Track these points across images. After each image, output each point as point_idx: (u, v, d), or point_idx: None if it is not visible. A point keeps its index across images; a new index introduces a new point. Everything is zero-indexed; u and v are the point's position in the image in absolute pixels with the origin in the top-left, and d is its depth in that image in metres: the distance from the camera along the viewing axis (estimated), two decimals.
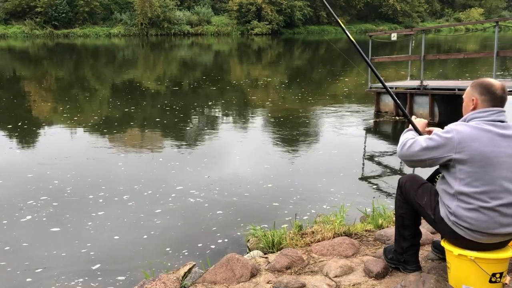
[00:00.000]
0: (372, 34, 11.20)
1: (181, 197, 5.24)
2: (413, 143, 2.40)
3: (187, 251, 4.00)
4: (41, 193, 5.38)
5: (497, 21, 8.72)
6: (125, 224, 4.58)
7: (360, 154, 7.30)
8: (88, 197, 5.25)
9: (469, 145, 2.25)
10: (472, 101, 2.38)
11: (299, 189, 5.44)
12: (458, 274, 2.41)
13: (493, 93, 2.34)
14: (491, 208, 2.24)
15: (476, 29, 38.73)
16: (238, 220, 4.58)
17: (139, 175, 6.04)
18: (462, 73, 16.67)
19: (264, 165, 6.52)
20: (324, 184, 5.64)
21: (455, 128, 2.31)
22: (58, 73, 20.14)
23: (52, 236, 4.35)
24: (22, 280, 3.62)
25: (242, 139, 8.26)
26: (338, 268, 2.80)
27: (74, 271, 3.69)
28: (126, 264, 3.80)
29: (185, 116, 10.23)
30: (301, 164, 6.58)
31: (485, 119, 2.32)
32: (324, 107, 11.08)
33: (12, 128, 9.09)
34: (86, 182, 5.75)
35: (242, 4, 48.86)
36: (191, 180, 5.81)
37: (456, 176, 2.30)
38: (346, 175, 6.07)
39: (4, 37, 41.98)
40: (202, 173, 6.12)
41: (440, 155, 2.30)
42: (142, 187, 5.57)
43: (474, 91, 2.39)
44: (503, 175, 2.24)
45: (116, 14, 47.38)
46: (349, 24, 56.45)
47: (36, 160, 6.90)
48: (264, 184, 5.63)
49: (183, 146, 7.76)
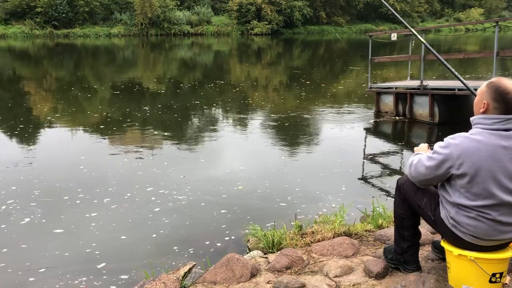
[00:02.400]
0: (372, 34, 11.19)
1: (181, 197, 5.24)
2: (417, 164, 2.40)
3: (187, 251, 4.00)
4: (40, 193, 5.38)
5: (497, 21, 8.71)
6: (124, 224, 4.58)
7: (360, 154, 7.30)
8: (81, 198, 5.25)
9: (468, 160, 2.21)
10: (484, 105, 2.26)
11: (299, 189, 5.44)
12: (458, 274, 2.42)
13: (508, 102, 2.19)
14: (491, 219, 2.24)
15: (476, 29, 38.72)
16: (238, 220, 4.58)
17: (139, 175, 6.04)
18: (462, 73, 16.66)
19: (264, 165, 6.52)
20: (324, 184, 5.64)
21: (452, 142, 2.26)
22: (58, 73, 20.14)
23: (55, 237, 4.35)
24: (25, 279, 3.62)
25: (242, 139, 8.26)
26: (338, 268, 2.80)
27: (76, 270, 3.69)
28: (125, 264, 3.79)
29: (184, 116, 10.24)
30: (301, 164, 6.58)
31: (490, 128, 2.23)
32: (324, 107, 11.08)
33: (12, 128, 9.09)
34: (81, 183, 5.74)
35: (242, 4, 48.82)
36: (191, 180, 5.81)
37: (456, 188, 2.29)
38: (346, 175, 6.07)
39: (4, 37, 41.92)
40: (202, 173, 6.12)
41: (443, 172, 2.28)
42: (142, 187, 5.57)
43: (488, 96, 2.24)
44: (503, 188, 2.21)
45: (116, 14, 47.31)
46: (349, 24, 56.43)
47: (36, 160, 6.90)
48: (264, 184, 5.63)
49: (182, 146, 7.76)
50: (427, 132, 8.49)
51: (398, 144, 8.03)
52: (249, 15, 49.04)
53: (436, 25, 51.38)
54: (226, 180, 5.82)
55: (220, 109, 11.38)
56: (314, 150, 7.38)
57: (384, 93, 10.02)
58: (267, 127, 9.10)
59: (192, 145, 7.91)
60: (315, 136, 8.43)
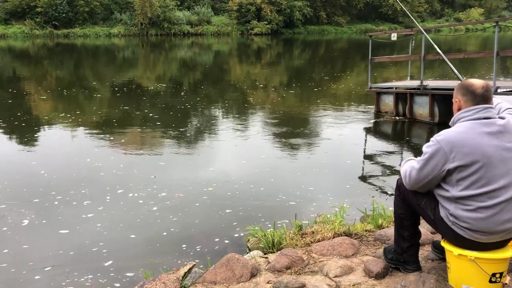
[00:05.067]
0: (372, 34, 11.20)
1: (181, 197, 5.24)
2: (411, 172, 2.44)
3: (187, 251, 4.00)
4: (39, 193, 5.38)
5: (497, 21, 8.71)
6: (123, 224, 4.58)
7: (360, 154, 7.30)
8: (76, 196, 5.25)
9: (459, 151, 2.27)
10: (456, 103, 2.46)
11: (299, 189, 5.44)
12: (458, 274, 2.42)
13: (473, 92, 2.38)
14: (490, 206, 2.26)
15: (476, 29, 38.72)
16: (238, 220, 4.58)
17: (138, 175, 6.04)
18: (463, 73, 16.66)
19: (264, 165, 6.52)
20: (324, 184, 5.64)
21: (440, 139, 2.33)
22: (58, 73, 20.14)
23: (56, 237, 4.35)
24: (31, 278, 3.62)
25: (242, 139, 8.26)
26: (338, 268, 2.80)
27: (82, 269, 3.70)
28: (125, 265, 3.80)
29: (184, 116, 10.23)
30: (301, 164, 6.58)
31: (470, 118, 2.35)
32: (324, 107, 11.08)
33: (11, 127, 9.09)
34: (79, 183, 5.74)
35: (242, 4, 48.84)
36: (190, 180, 5.81)
37: (452, 183, 2.32)
38: (346, 175, 6.07)
39: (4, 37, 41.93)
40: (201, 173, 6.12)
41: (439, 170, 2.32)
42: (142, 187, 5.56)
43: (458, 93, 2.45)
44: (497, 173, 2.26)
45: (116, 14, 47.33)
46: (349, 24, 56.44)
47: (35, 160, 6.90)
48: (264, 184, 5.62)
49: (182, 146, 7.75)
50: (427, 132, 8.49)
51: (398, 144, 8.04)
52: (249, 15, 49.06)
53: (436, 25, 51.35)
54: (226, 180, 5.81)
55: (220, 109, 11.38)
56: (314, 150, 7.38)
57: (384, 93, 10.03)
58: (267, 127, 9.10)
59: (191, 145, 7.91)
60: (315, 136, 8.43)
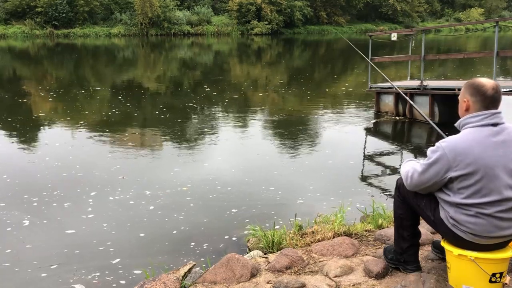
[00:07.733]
0: (372, 34, 11.19)
1: (181, 197, 5.24)
2: (413, 174, 2.42)
3: (187, 251, 4.00)
4: (39, 194, 5.38)
5: (497, 21, 8.71)
6: (123, 224, 4.58)
7: (360, 154, 7.30)
8: (76, 196, 5.25)
9: (463, 160, 2.24)
10: (464, 103, 2.37)
11: (299, 189, 5.44)
12: (458, 274, 2.42)
13: (484, 93, 2.30)
14: (490, 214, 2.25)
15: (476, 29, 38.72)
16: (238, 220, 4.58)
17: (138, 175, 6.04)
18: (463, 73, 16.67)
19: (264, 165, 6.52)
20: (324, 184, 5.64)
21: (445, 146, 2.29)
22: (58, 73, 20.14)
23: (58, 237, 4.35)
24: (37, 275, 3.63)
25: (242, 139, 8.26)
26: (338, 268, 2.80)
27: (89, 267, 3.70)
28: (124, 265, 3.80)
29: (184, 116, 10.23)
30: (301, 164, 6.58)
31: (478, 124, 2.30)
32: (324, 107, 11.08)
33: (11, 127, 9.09)
34: (77, 183, 5.74)
35: (242, 4, 48.82)
36: (190, 180, 5.81)
37: (454, 190, 2.31)
38: (346, 175, 6.07)
39: (4, 37, 41.92)
40: (201, 173, 6.12)
41: (441, 177, 2.30)
42: (142, 187, 5.56)
43: (466, 92, 2.37)
44: (500, 183, 2.24)
45: (116, 14, 47.31)
46: (349, 24, 56.41)
47: (35, 159, 6.90)
48: (264, 184, 5.62)
49: (182, 146, 7.75)
50: (427, 132, 8.49)
51: (398, 144, 8.03)
52: (249, 15, 49.04)
53: (436, 25, 51.36)
54: (226, 180, 5.81)
55: (220, 109, 11.37)
56: (314, 150, 7.38)
57: (384, 93, 10.02)
58: (267, 127, 9.10)
59: (191, 145, 7.91)
60: (315, 136, 8.43)
